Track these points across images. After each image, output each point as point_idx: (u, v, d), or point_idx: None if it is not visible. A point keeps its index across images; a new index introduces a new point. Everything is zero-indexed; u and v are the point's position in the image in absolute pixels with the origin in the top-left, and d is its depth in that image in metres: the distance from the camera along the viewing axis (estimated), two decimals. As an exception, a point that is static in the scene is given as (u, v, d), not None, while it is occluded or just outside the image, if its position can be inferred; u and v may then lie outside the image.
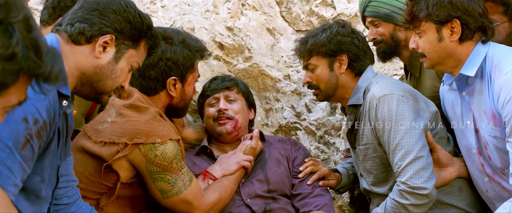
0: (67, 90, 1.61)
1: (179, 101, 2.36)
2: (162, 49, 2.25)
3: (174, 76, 2.30)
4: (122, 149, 2.08)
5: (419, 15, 2.17)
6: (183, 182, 2.17)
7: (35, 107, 1.46)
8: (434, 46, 2.17)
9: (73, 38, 1.66)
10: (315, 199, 2.52)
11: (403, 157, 2.23)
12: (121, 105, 2.19)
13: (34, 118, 1.46)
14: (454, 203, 2.37)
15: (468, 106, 2.23)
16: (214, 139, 2.72)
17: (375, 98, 2.32)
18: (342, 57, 2.47)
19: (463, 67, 2.17)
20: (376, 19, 2.67)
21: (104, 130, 2.14)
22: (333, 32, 2.47)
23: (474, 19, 2.13)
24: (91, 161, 2.13)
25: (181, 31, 2.38)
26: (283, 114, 3.19)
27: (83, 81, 1.68)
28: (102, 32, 1.67)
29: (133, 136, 2.09)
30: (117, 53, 1.71)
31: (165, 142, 2.11)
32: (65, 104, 1.61)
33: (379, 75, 2.51)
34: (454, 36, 2.15)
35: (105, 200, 2.16)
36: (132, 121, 2.13)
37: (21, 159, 1.44)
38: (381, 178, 2.48)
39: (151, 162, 2.10)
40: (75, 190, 1.94)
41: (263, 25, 3.27)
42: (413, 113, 2.28)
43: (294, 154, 2.68)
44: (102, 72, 1.69)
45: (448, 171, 2.36)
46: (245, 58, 3.14)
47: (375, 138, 2.39)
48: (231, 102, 2.66)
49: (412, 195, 2.20)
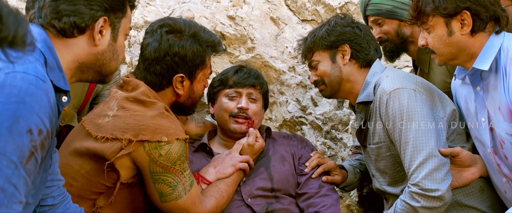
0: (66, 85, 1.56)
1: (186, 99, 2.26)
2: (170, 43, 2.14)
3: (181, 73, 2.18)
4: (126, 145, 1.98)
5: (425, 10, 2.10)
6: (184, 186, 2.08)
7: (39, 117, 1.40)
8: (445, 41, 2.10)
9: (64, 33, 1.60)
10: (321, 199, 2.45)
11: (414, 156, 2.16)
12: (123, 98, 2.08)
13: (38, 129, 1.40)
14: (475, 205, 2.29)
15: (482, 102, 2.16)
16: (222, 133, 2.65)
17: (385, 93, 2.26)
18: (344, 47, 2.44)
19: (476, 61, 2.10)
20: (379, 17, 2.64)
21: (105, 124, 2.03)
22: (331, 24, 2.47)
23: (485, 9, 2.06)
24: (88, 158, 2.03)
25: (194, 24, 2.26)
26: (288, 108, 3.15)
27: (83, 69, 1.65)
28: (94, 18, 1.62)
29: (138, 132, 1.98)
30: (113, 31, 1.67)
31: (171, 141, 2.01)
32: (64, 100, 1.56)
33: (389, 69, 2.44)
34: (465, 28, 2.08)
35: (103, 201, 2.07)
36: (136, 115, 2.03)
37: (26, 174, 1.39)
38: (397, 178, 2.41)
39: (154, 161, 2.01)
40: (61, 190, 1.86)
41: (267, 14, 3.24)
42: (426, 108, 2.21)
43: (301, 151, 2.62)
44: (104, 57, 1.67)
45: (471, 171, 2.28)
46: (248, 49, 3.10)
47: (387, 136, 2.32)
48: (252, 101, 2.59)
49: (423, 197, 2.13)
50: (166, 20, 2.22)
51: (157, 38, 2.14)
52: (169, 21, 2.19)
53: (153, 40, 2.15)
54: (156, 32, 2.16)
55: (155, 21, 2.24)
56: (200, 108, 2.99)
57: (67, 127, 2.43)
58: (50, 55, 1.53)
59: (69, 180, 1.97)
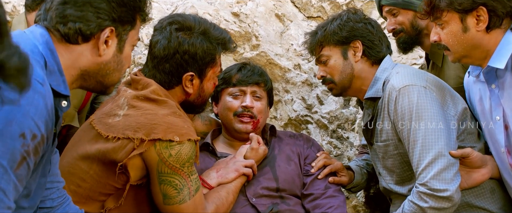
0: (66, 90, 1.53)
1: (196, 98, 2.22)
2: (179, 41, 2.10)
3: (191, 72, 2.14)
4: (138, 145, 1.94)
5: (439, 5, 2.07)
6: (189, 190, 2.03)
7: (34, 121, 1.37)
8: (459, 38, 2.08)
9: (68, 38, 1.57)
10: (327, 200, 2.42)
11: (423, 155, 2.13)
12: (134, 96, 2.04)
13: (32, 133, 1.37)
14: (486, 206, 2.26)
15: (497, 100, 2.12)
16: (226, 132, 2.62)
17: (394, 90, 2.23)
18: (356, 44, 2.41)
19: (491, 58, 2.07)
20: (394, 7, 2.62)
21: (116, 123, 1.98)
22: (344, 19, 2.43)
23: (501, 4, 2.03)
24: (98, 159, 1.98)
25: (204, 20, 2.22)
26: (293, 106, 3.14)
27: (85, 77, 1.63)
28: (101, 27, 1.59)
29: (150, 131, 1.94)
30: (119, 43, 1.65)
31: (183, 142, 1.97)
32: (64, 105, 1.54)
33: (399, 65, 2.42)
34: (480, 25, 2.05)
35: (112, 202, 2.03)
36: (148, 114, 1.98)
37: (16, 179, 1.36)
38: (404, 177, 2.38)
39: (164, 161, 1.96)
40: (61, 192, 1.83)
41: (272, 11, 3.24)
42: (436, 107, 2.18)
43: (307, 151, 2.59)
44: (108, 67, 1.64)
45: (481, 172, 2.24)
46: (252, 46, 3.09)
47: (395, 133, 2.29)
48: (257, 99, 2.56)
49: (432, 198, 2.10)
50: (175, 17, 2.18)
51: (166, 36, 2.10)
52: (179, 18, 2.15)
53: (162, 37, 2.11)
54: (165, 29, 2.12)
55: (164, 17, 2.21)
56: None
57: (68, 127, 2.41)
58: (51, 58, 1.50)
59: (77, 180, 1.95)
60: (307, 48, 2.53)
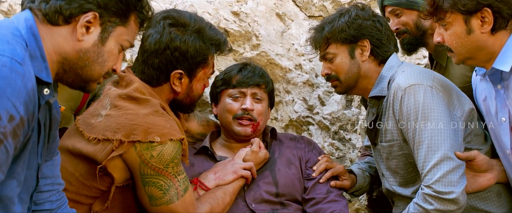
0: (49, 77, 1.48)
1: (184, 98, 2.19)
2: (171, 37, 2.07)
3: (180, 70, 2.11)
4: (117, 147, 1.92)
5: (443, 6, 2.04)
6: (177, 190, 2.01)
7: (11, 101, 1.32)
8: (463, 39, 2.05)
9: (49, 18, 1.52)
10: (329, 205, 2.40)
11: (429, 157, 2.11)
12: (117, 95, 2.02)
13: (9, 114, 1.32)
14: (492, 210, 2.24)
15: (503, 101, 2.09)
16: (225, 134, 2.59)
17: (400, 89, 2.20)
18: (364, 43, 2.36)
19: (496, 60, 2.05)
20: (398, 7, 2.60)
21: (98, 124, 1.97)
22: (352, 16, 2.37)
23: (507, 6, 2.00)
24: (82, 160, 1.97)
25: (200, 19, 2.19)
26: (294, 107, 3.13)
27: (65, 68, 1.56)
28: (82, 9, 1.53)
29: (130, 132, 1.92)
30: (102, 33, 1.58)
31: (165, 142, 1.94)
32: (46, 92, 1.48)
33: (405, 64, 2.38)
34: (485, 27, 2.02)
35: (99, 205, 2.02)
36: (128, 114, 1.96)
37: None
38: (408, 179, 2.36)
39: (145, 163, 1.94)
40: (60, 195, 1.81)
41: (272, 10, 3.23)
42: (442, 107, 2.16)
43: (308, 154, 2.57)
44: (87, 57, 1.56)
45: (486, 177, 2.22)
46: (253, 46, 3.07)
47: (400, 134, 2.26)
48: (257, 101, 2.53)
49: (437, 200, 2.08)
50: (171, 12, 2.15)
51: (159, 30, 2.08)
52: (174, 14, 2.12)
53: (154, 31, 2.08)
54: (159, 23, 2.09)
55: (159, 12, 2.17)
56: (203, 107, 2.95)
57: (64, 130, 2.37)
58: (34, 43, 1.46)
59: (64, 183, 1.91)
60: (311, 43, 2.48)
